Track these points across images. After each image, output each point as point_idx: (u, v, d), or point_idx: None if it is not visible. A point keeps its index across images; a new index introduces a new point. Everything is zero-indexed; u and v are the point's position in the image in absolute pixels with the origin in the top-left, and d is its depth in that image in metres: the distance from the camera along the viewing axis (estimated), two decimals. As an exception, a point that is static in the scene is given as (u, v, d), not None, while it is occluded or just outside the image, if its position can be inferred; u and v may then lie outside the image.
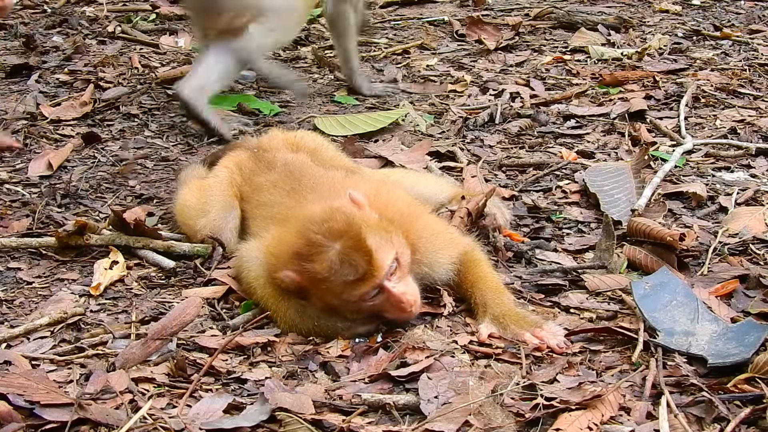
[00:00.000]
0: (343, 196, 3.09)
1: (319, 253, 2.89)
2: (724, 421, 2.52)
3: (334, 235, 2.90)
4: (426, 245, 3.17)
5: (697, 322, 2.94)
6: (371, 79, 5.54)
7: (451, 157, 4.50)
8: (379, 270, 2.90)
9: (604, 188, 4.01)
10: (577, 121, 4.99)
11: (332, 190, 3.27)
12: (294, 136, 3.92)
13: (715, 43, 6.28)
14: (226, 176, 3.70)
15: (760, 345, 2.77)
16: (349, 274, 2.87)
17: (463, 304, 3.19)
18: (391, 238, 2.97)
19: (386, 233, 2.97)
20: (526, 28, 6.66)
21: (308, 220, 2.98)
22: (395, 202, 3.25)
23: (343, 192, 3.13)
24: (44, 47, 6.37)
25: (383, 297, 2.95)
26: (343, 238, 2.89)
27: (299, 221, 3.03)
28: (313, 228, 2.93)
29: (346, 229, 2.90)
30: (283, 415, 2.52)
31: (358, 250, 2.88)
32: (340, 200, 3.04)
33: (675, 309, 3.01)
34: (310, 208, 3.09)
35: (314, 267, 2.90)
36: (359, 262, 2.87)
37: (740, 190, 4.05)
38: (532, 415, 2.52)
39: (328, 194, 3.23)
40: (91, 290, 3.35)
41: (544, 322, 2.99)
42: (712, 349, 2.81)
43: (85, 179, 4.34)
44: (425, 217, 3.30)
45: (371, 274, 2.89)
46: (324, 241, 2.90)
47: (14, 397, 2.54)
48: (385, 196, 3.24)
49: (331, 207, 2.99)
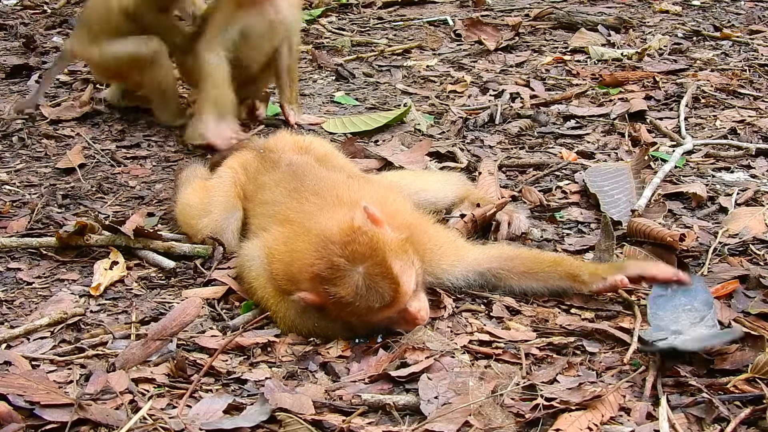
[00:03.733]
0: (353, 203, 3.04)
1: (342, 277, 2.84)
2: (724, 421, 2.52)
3: (357, 260, 2.84)
4: (432, 256, 3.16)
5: (695, 325, 2.92)
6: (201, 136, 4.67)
7: (451, 157, 4.50)
8: (404, 296, 2.88)
9: (604, 189, 4.01)
10: (577, 121, 4.99)
11: (335, 193, 3.25)
12: (303, 140, 3.91)
13: (715, 43, 6.28)
14: (230, 177, 3.70)
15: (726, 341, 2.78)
16: (375, 301, 2.84)
17: (463, 304, 3.19)
18: (411, 259, 2.94)
19: (406, 254, 2.93)
20: (526, 28, 6.67)
21: (328, 239, 2.89)
22: (402, 213, 3.22)
23: (348, 197, 3.11)
24: (44, 47, 6.38)
25: (401, 314, 2.94)
26: (367, 263, 2.83)
27: (313, 236, 2.96)
28: (335, 250, 2.86)
29: (371, 253, 2.84)
30: (283, 416, 2.52)
31: (384, 277, 2.83)
32: (355, 214, 2.95)
33: (684, 312, 2.99)
34: (326, 220, 3.01)
35: (338, 291, 2.85)
36: (385, 290, 2.83)
37: (740, 190, 4.05)
38: (532, 415, 2.52)
39: (332, 198, 3.20)
40: (91, 290, 3.35)
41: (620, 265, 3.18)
42: (684, 344, 2.79)
43: (85, 179, 4.35)
44: (431, 229, 3.27)
45: (397, 300, 2.87)
46: (347, 265, 2.84)
47: (14, 397, 2.54)
48: (392, 206, 3.21)
49: (351, 226, 2.91)
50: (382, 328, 2.99)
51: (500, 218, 3.65)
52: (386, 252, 2.86)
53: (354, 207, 3.02)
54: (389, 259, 2.85)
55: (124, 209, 4.07)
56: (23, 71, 5.90)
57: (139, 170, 4.49)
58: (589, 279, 3.15)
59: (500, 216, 3.65)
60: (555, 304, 3.21)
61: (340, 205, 3.12)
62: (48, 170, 4.49)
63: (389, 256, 2.85)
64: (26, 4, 7.58)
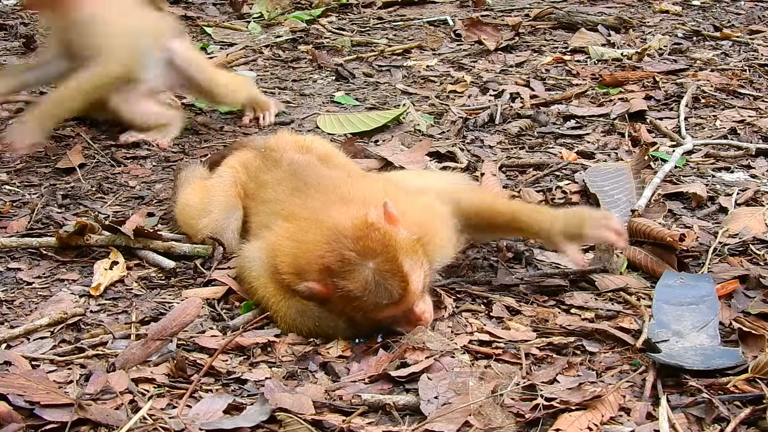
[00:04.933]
0: (358, 201, 3.04)
1: (352, 271, 2.84)
2: (724, 421, 2.52)
3: (369, 255, 2.84)
4: (439, 254, 3.16)
5: (697, 331, 2.91)
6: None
7: (451, 157, 4.50)
8: (412, 295, 2.88)
9: (604, 189, 4.01)
10: (577, 121, 4.99)
11: (341, 191, 3.24)
12: (304, 139, 3.90)
13: (715, 43, 6.29)
14: (230, 176, 3.70)
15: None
16: (383, 298, 2.84)
17: (463, 304, 3.19)
18: (421, 260, 2.94)
19: (417, 254, 2.93)
20: (526, 28, 6.67)
21: (340, 232, 2.90)
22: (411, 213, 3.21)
23: (355, 194, 3.11)
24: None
25: (405, 314, 2.95)
26: (378, 259, 2.84)
27: (327, 229, 2.95)
28: (347, 244, 2.86)
29: (383, 250, 2.85)
30: (283, 416, 2.52)
31: (394, 274, 2.84)
32: (369, 210, 2.96)
33: (688, 311, 2.99)
34: (339, 214, 3.01)
35: (347, 285, 2.85)
36: (395, 287, 2.84)
37: (740, 190, 4.05)
38: (532, 415, 2.52)
39: (338, 196, 3.20)
40: (91, 290, 3.35)
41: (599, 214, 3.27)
42: (683, 356, 2.78)
43: (85, 179, 4.35)
44: (444, 230, 3.23)
45: (405, 298, 2.87)
46: (358, 259, 2.84)
47: (14, 397, 2.54)
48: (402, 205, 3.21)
49: (364, 221, 2.91)
50: (384, 327, 2.99)
51: None
52: (398, 250, 2.86)
53: (362, 204, 3.02)
54: (400, 257, 2.86)
55: (124, 209, 4.07)
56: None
57: (139, 170, 4.49)
58: (545, 241, 3.37)
59: None
60: (555, 304, 3.22)
61: (349, 202, 3.11)
62: (48, 170, 4.49)
63: (400, 254, 2.86)
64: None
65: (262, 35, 6.79)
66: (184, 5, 7.56)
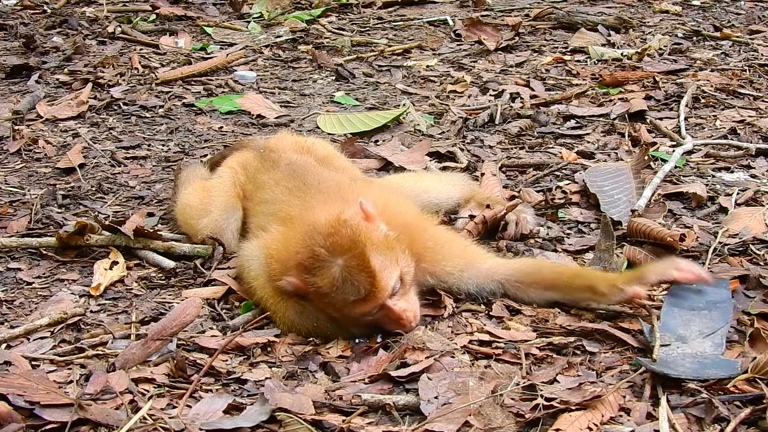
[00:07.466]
0: (353, 201, 3.04)
1: (321, 267, 2.86)
2: (724, 421, 2.52)
3: (337, 251, 2.85)
4: (433, 256, 3.15)
5: (703, 338, 2.90)
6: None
7: (451, 157, 4.50)
8: (381, 291, 2.87)
9: (604, 189, 4.01)
10: (577, 121, 4.99)
11: (338, 192, 3.25)
12: (304, 140, 3.91)
13: (715, 43, 6.28)
14: (230, 177, 3.70)
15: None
16: (351, 294, 2.85)
17: (463, 304, 3.19)
18: (396, 257, 2.93)
19: (391, 251, 2.92)
20: (526, 28, 6.67)
21: (314, 229, 2.93)
22: (404, 214, 3.21)
23: (352, 196, 3.11)
24: (44, 47, 6.38)
25: (383, 312, 2.94)
26: (346, 256, 2.85)
27: (306, 226, 2.99)
28: (318, 240, 2.88)
29: (350, 246, 2.85)
30: (283, 416, 2.52)
31: (361, 270, 2.84)
32: (349, 209, 2.98)
33: (699, 316, 2.97)
34: (319, 211, 3.04)
35: (316, 281, 2.87)
36: (362, 283, 2.84)
37: (740, 190, 4.04)
38: (532, 415, 2.52)
39: (334, 196, 3.21)
40: (91, 291, 3.35)
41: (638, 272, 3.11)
42: (677, 363, 2.77)
43: (85, 179, 4.35)
44: (432, 229, 3.26)
45: (373, 294, 2.87)
46: (327, 256, 2.86)
47: (14, 397, 2.54)
48: (393, 207, 3.21)
49: (338, 218, 2.93)
50: (373, 327, 2.99)
51: (509, 218, 3.66)
52: (367, 246, 2.86)
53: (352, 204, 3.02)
54: (369, 253, 2.85)
55: (124, 209, 4.07)
56: (23, 71, 5.90)
57: (139, 170, 4.49)
58: (608, 291, 3.06)
59: (509, 216, 3.66)
60: (555, 304, 3.21)
61: (341, 203, 3.12)
62: (48, 170, 4.49)
63: (369, 251, 2.86)
64: (26, 4, 7.59)
65: (262, 35, 6.79)
66: (184, 5, 7.57)
